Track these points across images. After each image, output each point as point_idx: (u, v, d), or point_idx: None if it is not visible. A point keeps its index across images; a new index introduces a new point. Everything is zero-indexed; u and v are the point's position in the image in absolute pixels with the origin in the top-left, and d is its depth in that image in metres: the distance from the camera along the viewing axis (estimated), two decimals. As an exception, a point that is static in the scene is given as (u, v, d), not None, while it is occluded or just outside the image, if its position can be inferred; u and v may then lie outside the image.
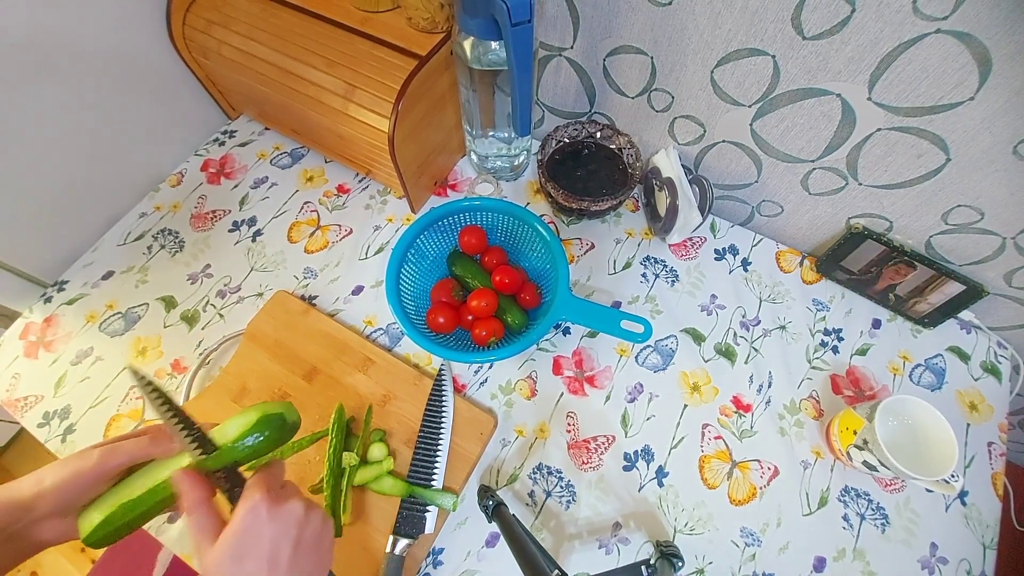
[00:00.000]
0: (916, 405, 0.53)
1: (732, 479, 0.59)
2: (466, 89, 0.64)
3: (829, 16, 0.47)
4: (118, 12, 0.66)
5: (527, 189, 0.79)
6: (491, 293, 0.63)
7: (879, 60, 0.48)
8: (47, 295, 0.72)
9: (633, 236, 0.74)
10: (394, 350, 0.67)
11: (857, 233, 0.63)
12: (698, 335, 0.67)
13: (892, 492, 0.58)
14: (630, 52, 0.62)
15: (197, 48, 0.73)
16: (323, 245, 0.75)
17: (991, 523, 0.57)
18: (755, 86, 0.57)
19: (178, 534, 0.58)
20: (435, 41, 0.61)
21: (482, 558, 0.56)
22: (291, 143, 0.84)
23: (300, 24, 0.66)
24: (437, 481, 0.57)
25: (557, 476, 0.60)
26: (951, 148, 0.52)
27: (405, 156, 0.64)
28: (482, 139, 0.73)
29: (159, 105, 0.77)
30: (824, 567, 0.55)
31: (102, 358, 0.67)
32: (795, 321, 0.68)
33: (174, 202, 0.79)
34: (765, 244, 0.73)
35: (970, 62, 0.45)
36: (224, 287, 0.72)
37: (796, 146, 0.61)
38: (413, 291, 0.64)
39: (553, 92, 0.75)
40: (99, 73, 0.67)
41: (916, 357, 0.65)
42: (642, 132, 0.73)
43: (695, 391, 0.64)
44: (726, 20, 0.53)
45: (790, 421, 0.62)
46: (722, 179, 0.71)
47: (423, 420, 0.60)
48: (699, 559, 0.56)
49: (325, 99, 0.64)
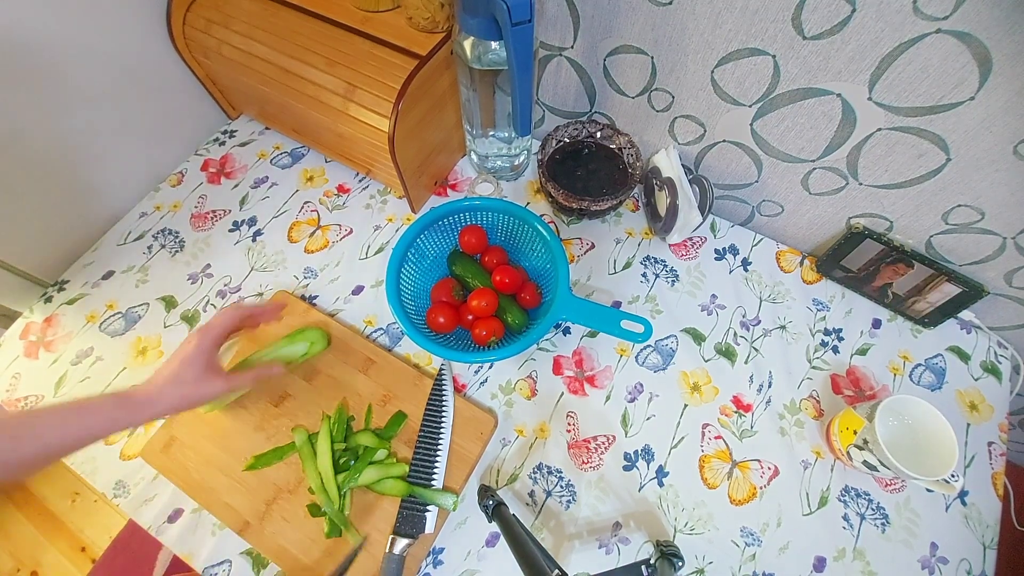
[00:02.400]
0: (916, 405, 0.53)
1: (732, 479, 0.59)
2: (466, 89, 0.64)
3: (829, 16, 0.47)
4: (118, 12, 0.67)
5: (527, 189, 0.79)
6: (491, 293, 0.63)
7: (879, 60, 0.48)
8: (47, 295, 0.72)
9: (633, 236, 0.74)
10: (394, 350, 0.67)
11: (857, 233, 0.63)
12: (698, 335, 0.67)
13: (892, 492, 0.58)
14: (630, 52, 0.62)
15: (197, 48, 0.73)
16: (323, 245, 0.75)
17: (991, 523, 0.57)
18: (755, 86, 0.57)
19: (178, 534, 0.58)
20: (435, 41, 0.61)
21: (482, 558, 0.56)
22: (291, 143, 0.84)
23: (300, 24, 0.66)
24: (437, 481, 0.57)
25: (557, 476, 0.60)
26: (951, 148, 0.52)
27: (405, 156, 0.64)
28: (482, 139, 0.73)
29: (159, 105, 0.77)
30: (824, 567, 0.55)
31: (102, 358, 0.67)
32: (795, 321, 0.68)
33: (174, 202, 0.79)
34: (765, 244, 0.73)
35: (970, 62, 0.45)
36: (224, 287, 0.72)
37: (796, 146, 0.61)
38: (413, 291, 0.64)
39: (553, 92, 0.75)
40: (99, 72, 0.67)
41: (916, 357, 0.65)
42: (642, 132, 0.73)
43: (695, 391, 0.64)
44: (726, 20, 0.53)
45: (790, 421, 0.62)
46: (722, 179, 0.71)
47: (423, 420, 0.60)
48: (699, 559, 0.56)
49: (325, 99, 0.64)
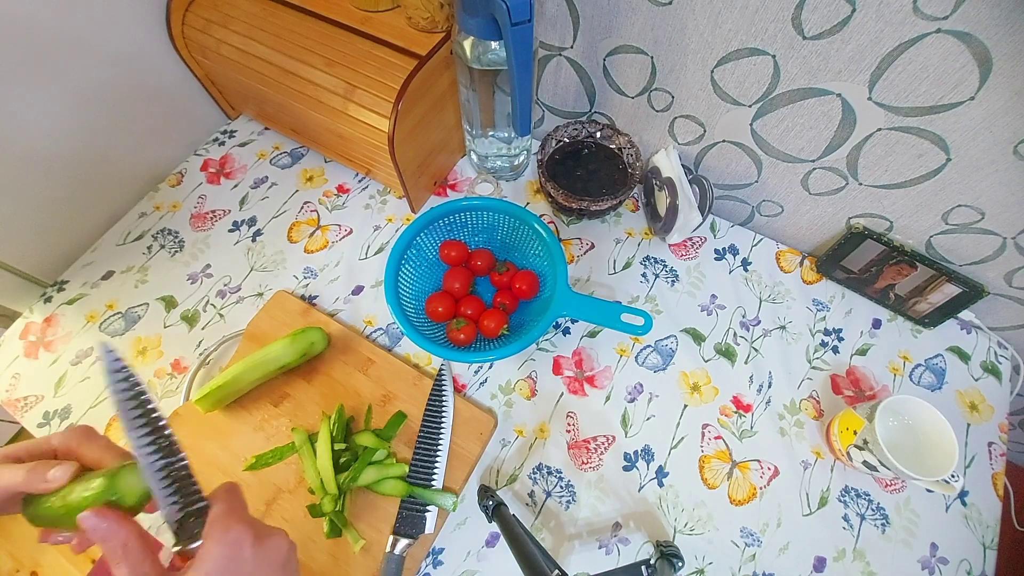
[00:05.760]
0: (916, 405, 0.53)
1: (732, 479, 0.59)
2: (466, 89, 0.64)
3: (829, 16, 0.47)
4: (117, 12, 0.66)
5: (527, 189, 0.78)
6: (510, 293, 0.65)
7: (879, 60, 0.48)
8: (47, 295, 0.72)
9: (633, 236, 0.74)
10: (394, 350, 0.67)
11: (857, 233, 0.63)
12: (698, 335, 0.67)
13: (892, 492, 0.58)
14: (630, 52, 0.62)
15: (196, 48, 0.73)
16: (323, 245, 0.75)
17: (991, 523, 0.56)
18: (755, 86, 0.57)
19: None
20: (435, 41, 0.61)
21: (482, 558, 0.56)
22: (291, 143, 0.84)
23: (300, 24, 0.66)
24: (437, 481, 0.57)
25: (557, 476, 0.60)
26: (951, 148, 0.52)
27: (405, 156, 0.64)
28: (482, 139, 0.73)
29: (159, 105, 0.77)
30: (824, 567, 0.55)
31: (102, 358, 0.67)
32: (795, 321, 0.68)
33: (174, 202, 0.79)
34: (765, 244, 0.73)
35: (970, 62, 0.45)
36: (224, 287, 0.72)
37: (796, 146, 0.61)
38: (412, 291, 0.64)
39: (553, 92, 0.75)
40: (98, 72, 0.67)
41: (916, 357, 0.65)
42: (642, 132, 0.72)
43: (695, 391, 0.64)
44: (726, 20, 0.53)
45: (790, 421, 0.62)
46: (722, 179, 0.71)
47: (423, 420, 0.60)
48: (699, 559, 0.55)
49: (325, 99, 0.64)
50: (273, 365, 0.60)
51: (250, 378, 0.60)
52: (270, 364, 0.60)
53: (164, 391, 0.65)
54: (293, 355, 0.61)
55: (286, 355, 0.60)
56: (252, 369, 0.59)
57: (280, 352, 0.60)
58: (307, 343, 0.61)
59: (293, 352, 0.61)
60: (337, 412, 0.59)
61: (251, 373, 0.59)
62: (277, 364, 0.60)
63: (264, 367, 0.60)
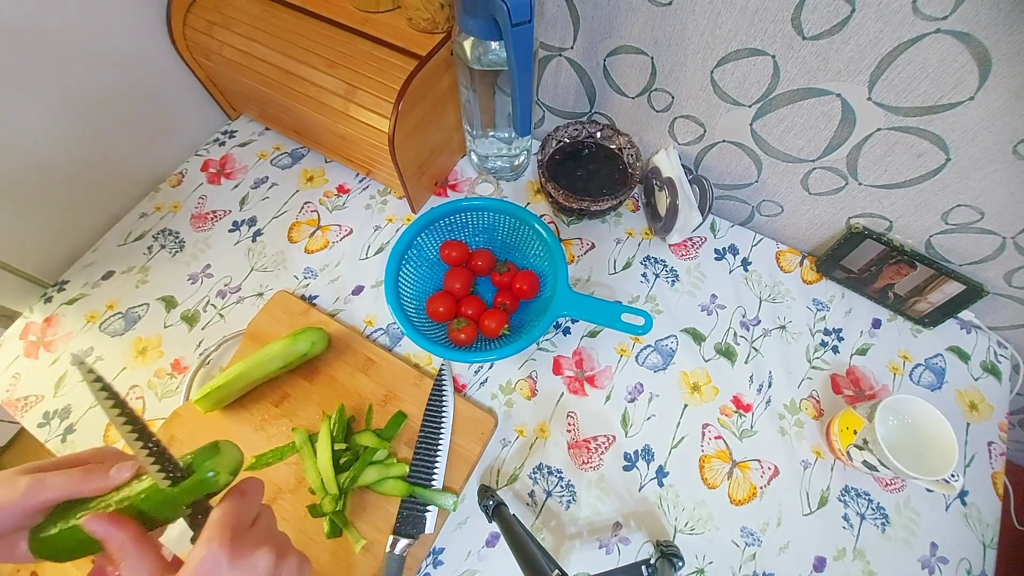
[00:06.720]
0: (916, 405, 0.53)
1: (732, 479, 0.59)
2: (466, 89, 0.64)
3: (829, 16, 0.47)
4: (118, 13, 0.67)
5: (527, 189, 0.79)
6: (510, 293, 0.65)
7: (879, 60, 0.48)
8: (47, 295, 0.72)
9: (633, 236, 0.74)
10: (394, 350, 0.67)
11: (857, 233, 0.63)
12: (698, 335, 0.67)
13: (892, 492, 0.58)
14: (630, 52, 0.62)
15: (198, 49, 0.73)
16: (323, 245, 0.75)
17: (991, 522, 0.57)
18: (755, 86, 0.57)
19: (178, 535, 0.57)
20: (435, 41, 0.61)
21: (482, 558, 0.56)
22: (291, 143, 0.84)
23: (300, 25, 0.66)
24: (437, 481, 0.57)
25: (557, 476, 0.60)
26: (951, 148, 0.52)
27: (405, 156, 0.64)
28: (482, 139, 0.73)
29: (159, 105, 0.77)
30: (824, 567, 0.55)
31: (102, 358, 0.67)
32: (795, 321, 0.68)
33: (174, 202, 0.79)
34: (765, 244, 0.74)
35: (970, 62, 0.45)
36: (224, 287, 0.72)
37: (796, 146, 0.61)
38: (413, 291, 0.65)
39: (553, 92, 0.75)
40: (99, 74, 0.67)
41: (916, 357, 0.65)
42: (642, 132, 0.73)
43: (695, 391, 0.64)
44: (726, 20, 0.53)
45: (790, 421, 0.62)
46: (722, 179, 0.71)
47: (423, 420, 0.60)
48: (699, 559, 0.56)
49: (325, 99, 0.64)
50: (273, 365, 0.60)
51: (250, 378, 0.60)
52: (270, 364, 0.60)
53: (164, 391, 0.65)
54: (293, 355, 0.61)
55: (286, 355, 0.60)
56: (252, 369, 0.59)
57: (280, 352, 0.60)
58: (308, 343, 0.61)
59: (293, 352, 0.61)
60: (337, 412, 0.59)
61: (251, 373, 0.59)
62: (277, 364, 0.60)
63: (264, 367, 0.60)
